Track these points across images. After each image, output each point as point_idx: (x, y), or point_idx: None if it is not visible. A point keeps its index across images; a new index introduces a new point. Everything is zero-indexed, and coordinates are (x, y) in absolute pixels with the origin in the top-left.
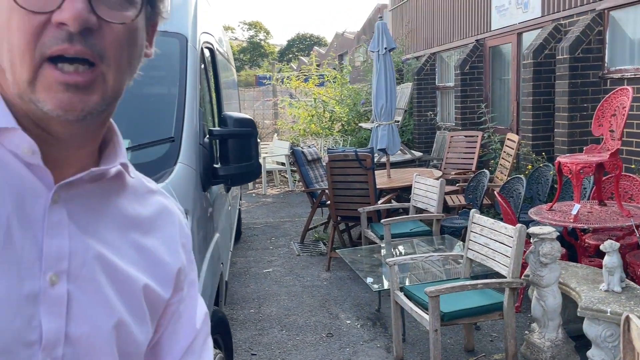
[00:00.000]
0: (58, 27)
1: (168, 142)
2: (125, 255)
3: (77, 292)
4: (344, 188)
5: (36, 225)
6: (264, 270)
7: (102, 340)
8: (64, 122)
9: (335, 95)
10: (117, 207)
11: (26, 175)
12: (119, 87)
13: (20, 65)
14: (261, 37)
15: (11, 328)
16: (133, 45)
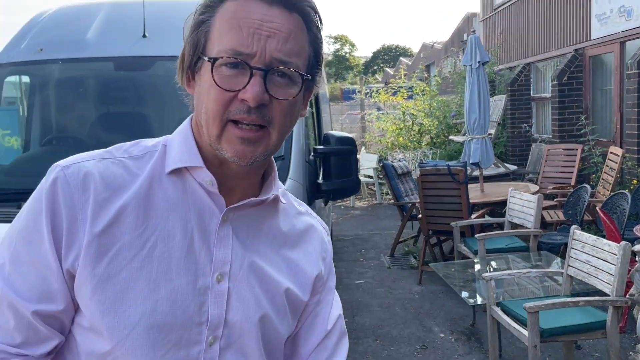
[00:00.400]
0: (241, 102)
1: (279, 160)
2: (274, 265)
3: (234, 289)
4: (435, 202)
5: (210, 238)
6: (355, 281)
7: (250, 327)
8: (237, 165)
9: (424, 107)
10: (271, 226)
11: (206, 200)
12: (280, 142)
13: (212, 124)
14: (346, 50)
15: (188, 311)
16: (293, 113)
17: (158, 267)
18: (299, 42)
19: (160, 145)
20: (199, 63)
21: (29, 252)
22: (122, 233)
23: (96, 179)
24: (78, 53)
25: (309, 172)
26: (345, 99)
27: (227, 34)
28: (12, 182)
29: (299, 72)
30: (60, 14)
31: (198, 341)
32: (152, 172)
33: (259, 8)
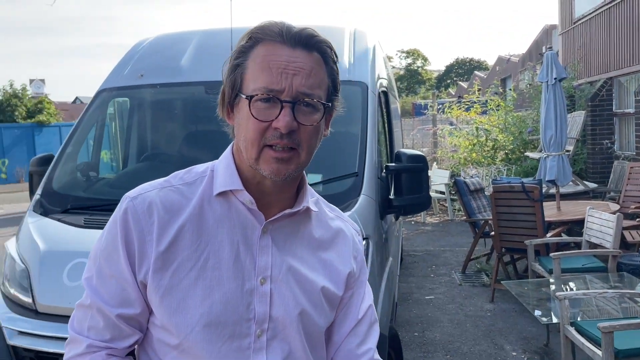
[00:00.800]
0: (275, 129)
1: (353, 176)
2: (310, 266)
3: (275, 289)
4: (509, 219)
5: (253, 247)
6: (426, 296)
7: (291, 321)
8: (273, 181)
9: (499, 123)
10: (306, 232)
11: (248, 216)
12: (308, 160)
13: (251, 148)
14: (419, 64)
15: (238, 310)
16: (317, 135)
17: (211, 275)
18: (319, 76)
19: (208, 171)
20: (237, 99)
21: (110, 268)
22: (181, 249)
23: (158, 206)
24: (173, 78)
25: (381, 188)
26: (416, 114)
27: (259, 74)
28: (117, 193)
29: (321, 102)
30: (158, 42)
31: (248, 334)
32: (203, 195)
33: (284, 51)
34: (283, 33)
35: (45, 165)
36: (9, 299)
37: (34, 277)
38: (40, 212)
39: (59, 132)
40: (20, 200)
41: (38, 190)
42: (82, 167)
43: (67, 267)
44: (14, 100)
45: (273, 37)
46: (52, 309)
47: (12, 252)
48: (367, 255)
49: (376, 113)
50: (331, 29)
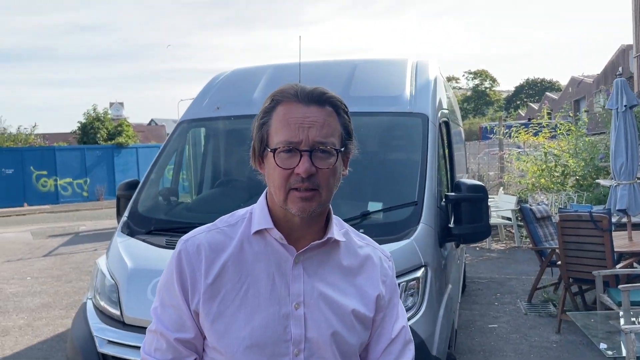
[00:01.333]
0: (296, 175)
1: (412, 205)
2: (341, 290)
3: (309, 313)
4: (577, 249)
5: (287, 277)
6: (489, 325)
7: (325, 341)
8: (300, 217)
9: (569, 147)
10: (335, 260)
11: (281, 249)
12: (329, 197)
13: (279, 192)
14: (486, 85)
15: (276, 332)
16: (334, 175)
17: (252, 303)
18: (332, 126)
19: (247, 214)
20: (265, 152)
21: (169, 299)
22: (225, 282)
23: (205, 247)
24: (246, 110)
25: (441, 216)
26: (483, 138)
27: (281, 130)
28: (194, 217)
29: (334, 148)
30: (233, 76)
31: (286, 354)
32: (243, 235)
33: (300, 108)
34: (298, 93)
35: (131, 189)
36: (100, 311)
37: (122, 292)
38: (127, 232)
39: (136, 153)
40: (101, 218)
41: (125, 213)
42: (164, 192)
43: (151, 283)
44: (97, 123)
45: (290, 97)
46: (137, 321)
47: (102, 268)
48: (425, 282)
49: (436, 144)
50: (394, 61)
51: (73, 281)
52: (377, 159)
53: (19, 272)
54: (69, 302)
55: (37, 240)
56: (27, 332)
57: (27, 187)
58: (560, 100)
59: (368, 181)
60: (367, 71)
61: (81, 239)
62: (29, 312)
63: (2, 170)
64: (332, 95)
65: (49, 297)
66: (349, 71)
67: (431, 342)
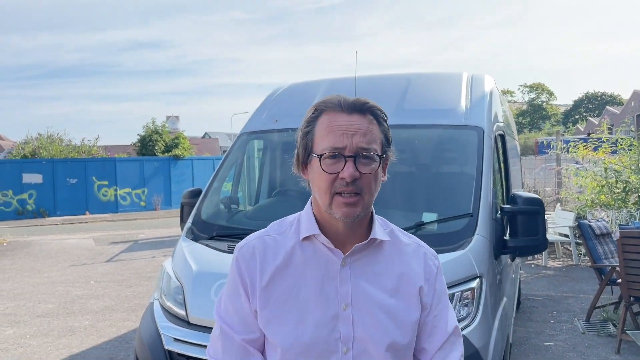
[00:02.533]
0: (341, 179)
1: (467, 217)
2: (387, 290)
3: (356, 313)
4: (638, 267)
5: (335, 279)
6: (544, 343)
7: (373, 340)
8: (344, 222)
9: (631, 163)
10: (381, 260)
11: (328, 253)
12: (371, 202)
13: (324, 196)
14: (543, 98)
15: (326, 331)
16: (376, 180)
17: (302, 304)
18: (373, 133)
19: (295, 221)
20: (309, 158)
21: (232, 303)
22: (278, 286)
23: (260, 251)
24: None
25: (496, 229)
26: (539, 152)
27: (326, 137)
28: (253, 224)
29: (376, 154)
30: (290, 91)
31: (335, 351)
32: (292, 241)
33: (343, 117)
34: (341, 103)
35: (195, 197)
36: (166, 311)
37: (187, 293)
38: (191, 237)
39: (191, 165)
40: (157, 227)
41: (189, 219)
42: (225, 200)
43: (214, 285)
44: (155, 136)
45: (333, 107)
46: (201, 320)
47: (168, 271)
48: (480, 293)
49: (492, 156)
50: (449, 75)
51: (133, 286)
52: (432, 170)
53: (83, 276)
54: (130, 306)
55: (99, 246)
56: (91, 332)
57: (89, 196)
58: (622, 114)
59: (423, 192)
60: (421, 85)
61: (140, 246)
62: (93, 313)
63: (67, 180)
64: (373, 104)
65: (112, 300)
66: (403, 85)
67: (485, 352)
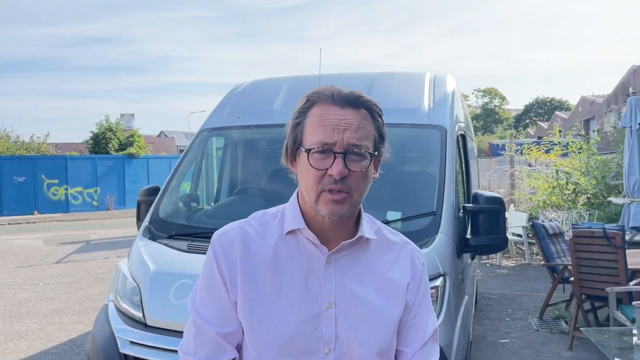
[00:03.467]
0: (329, 176)
1: (431, 215)
2: (373, 289)
3: (340, 313)
4: (589, 265)
5: (319, 276)
6: (500, 340)
7: (355, 341)
8: (330, 220)
9: (581, 166)
10: (367, 258)
11: (313, 249)
12: (359, 200)
13: (311, 192)
14: (496, 103)
15: (308, 330)
16: (367, 179)
17: (285, 301)
18: (366, 129)
19: (279, 213)
20: (298, 151)
21: (208, 294)
22: (259, 280)
23: (239, 242)
24: (266, 120)
25: (458, 227)
26: (493, 154)
27: (316, 131)
28: (214, 222)
29: (368, 151)
30: (253, 87)
31: (317, 351)
32: (275, 233)
33: (335, 110)
34: (334, 95)
35: (152, 195)
36: (122, 313)
37: (145, 294)
38: (148, 236)
39: (146, 164)
40: (111, 227)
41: (147, 218)
42: (185, 198)
43: (174, 286)
44: (109, 134)
45: (326, 99)
46: (159, 322)
47: (124, 271)
48: (443, 292)
49: (454, 155)
50: (412, 75)
51: (85, 288)
52: (396, 169)
53: (31, 278)
54: (82, 309)
55: (49, 247)
56: (40, 336)
57: (38, 195)
58: (570, 119)
59: (387, 191)
60: (385, 84)
61: (92, 247)
62: (41, 317)
63: (14, 178)
64: (368, 98)
65: (62, 303)
66: (367, 84)
67: (449, 350)
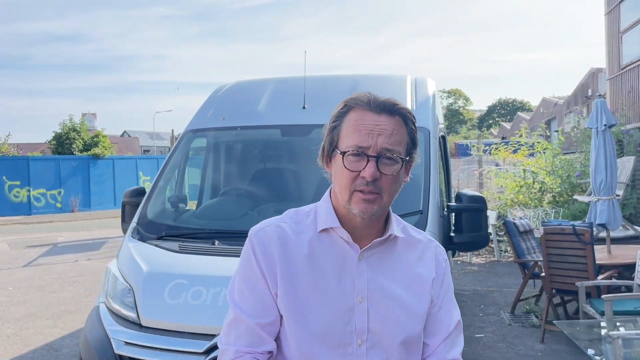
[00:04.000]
0: (362, 178)
1: (418, 214)
2: (402, 284)
3: (372, 307)
4: (559, 261)
5: (352, 272)
6: (475, 334)
7: (387, 333)
8: (362, 218)
9: (546, 165)
10: (396, 255)
11: (345, 247)
12: (390, 202)
13: (344, 192)
14: (460, 104)
15: (341, 323)
16: (397, 182)
17: (320, 295)
18: (399, 135)
19: (312, 212)
20: (334, 153)
21: (248, 286)
22: (295, 276)
23: (275, 239)
24: (252, 121)
25: (443, 225)
26: (459, 154)
27: (351, 135)
28: (203, 223)
29: (400, 156)
30: (237, 89)
31: (350, 343)
32: (310, 231)
33: (371, 116)
34: (370, 102)
35: (137, 197)
36: (114, 313)
37: (139, 294)
38: (137, 238)
39: (112, 165)
40: (77, 229)
41: (135, 219)
42: (172, 199)
43: (168, 287)
44: (73, 134)
45: (363, 105)
46: (155, 323)
47: (115, 272)
48: None
49: (437, 156)
50: (395, 77)
51: (57, 291)
52: None
53: None
54: (56, 312)
55: (15, 250)
56: (15, 341)
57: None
58: (532, 120)
59: None
60: (368, 86)
61: (61, 250)
62: (14, 321)
63: None
64: (403, 106)
65: (34, 307)
66: (351, 86)
67: None
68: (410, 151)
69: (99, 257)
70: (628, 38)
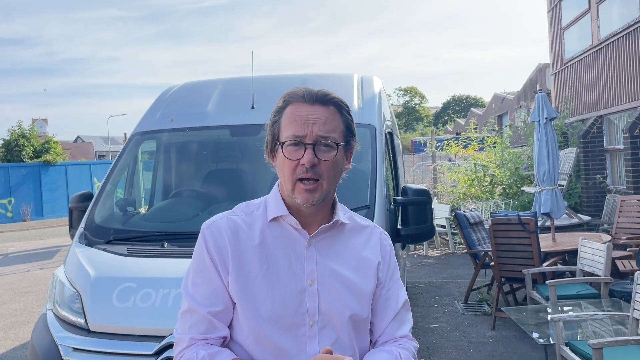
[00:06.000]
0: (301, 165)
1: (365, 208)
2: (350, 267)
3: (322, 289)
4: (507, 250)
5: (302, 257)
6: (430, 325)
7: (337, 313)
8: (306, 207)
9: (496, 159)
10: (343, 240)
11: (295, 234)
12: (330, 188)
13: (288, 182)
14: (416, 101)
15: (293, 306)
16: (335, 168)
17: (272, 280)
18: (334, 123)
19: (262, 203)
20: (276, 147)
21: (200, 277)
22: (248, 263)
23: (227, 230)
24: (200, 122)
25: (390, 219)
26: (416, 150)
27: (289, 126)
28: (152, 226)
29: (335, 142)
30: (185, 90)
31: (302, 324)
32: (260, 221)
33: (305, 107)
34: (304, 95)
35: (85, 201)
36: (61, 320)
37: (86, 300)
38: (85, 243)
39: (65, 171)
40: (29, 239)
41: (82, 224)
42: (120, 202)
43: (116, 291)
44: (22, 140)
45: (298, 98)
46: (104, 327)
47: (62, 279)
48: None
49: (384, 152)
50: (342, 76)
51: (8, 303)
52: None
53: None
54: (6, 324)
55: None
56: None
57: None
58: (484, 115)
59: None
60: (316, 85)
61: (11, 260)
62: None
63: None
64: (335, 96)
65: None
66: (299, 84)
67: None
68: (347, 138)
69: (52, 266)
70: (569, 34)
